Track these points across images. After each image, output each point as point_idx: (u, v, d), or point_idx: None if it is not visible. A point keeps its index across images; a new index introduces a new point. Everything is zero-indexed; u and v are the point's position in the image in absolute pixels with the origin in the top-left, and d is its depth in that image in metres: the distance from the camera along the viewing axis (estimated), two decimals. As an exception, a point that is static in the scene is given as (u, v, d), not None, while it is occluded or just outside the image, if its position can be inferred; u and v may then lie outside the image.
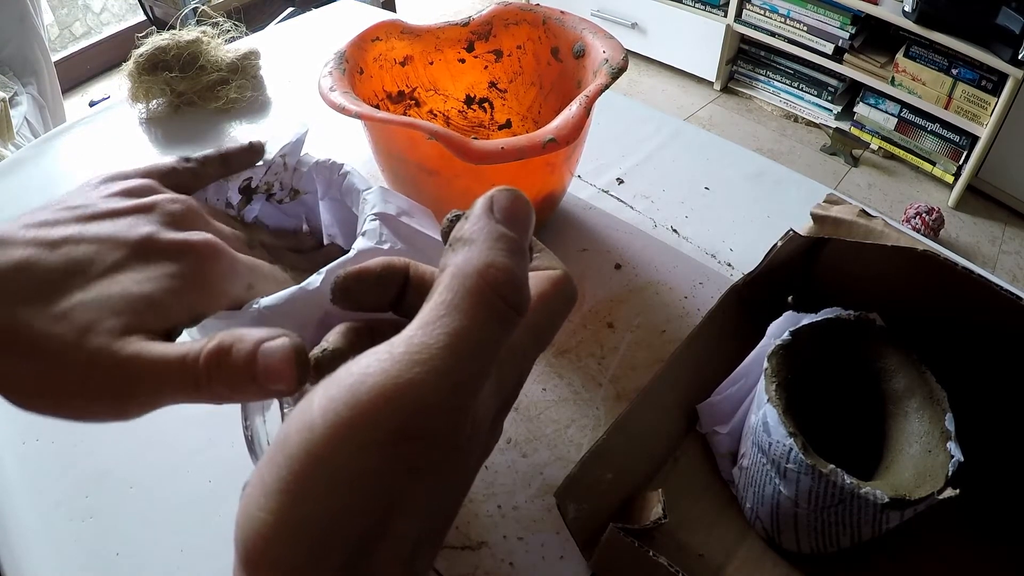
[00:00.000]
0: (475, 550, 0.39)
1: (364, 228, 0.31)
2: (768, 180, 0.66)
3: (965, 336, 0.38)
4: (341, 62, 0.52)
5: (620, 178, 0.66)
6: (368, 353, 0.17)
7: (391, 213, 0.31)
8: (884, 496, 0.32)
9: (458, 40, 0.59)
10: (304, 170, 0.38)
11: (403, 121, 0.43)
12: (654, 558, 0.32)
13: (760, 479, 0.37)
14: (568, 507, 0.36)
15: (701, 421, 0.44)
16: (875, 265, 0.41)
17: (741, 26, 2.12)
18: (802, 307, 0.41)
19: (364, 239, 0.30)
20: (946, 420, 0.35)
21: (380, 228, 0.30)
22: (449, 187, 0.49)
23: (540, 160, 0.48)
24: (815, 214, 0.40)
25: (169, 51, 0.74)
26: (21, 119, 1.26)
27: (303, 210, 0.41)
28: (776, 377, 0.37)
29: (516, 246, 0.19)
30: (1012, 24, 1.59)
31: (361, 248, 0.30)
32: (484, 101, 0.62)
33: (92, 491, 0.42)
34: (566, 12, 0.57)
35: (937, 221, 1.75)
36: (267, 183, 0.39)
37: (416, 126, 0.42)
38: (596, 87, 0.46)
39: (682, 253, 0.58)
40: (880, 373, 0.39)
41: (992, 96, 1.72)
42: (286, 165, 0.38)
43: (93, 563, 0.39)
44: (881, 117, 1.98)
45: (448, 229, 0.23)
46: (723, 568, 0.38)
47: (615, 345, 0.50)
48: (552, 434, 0.45)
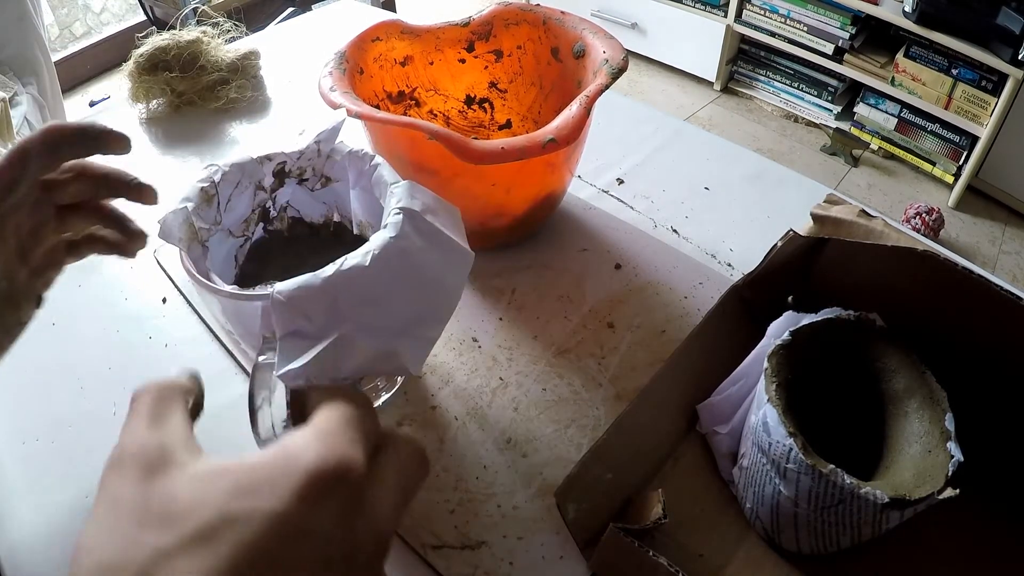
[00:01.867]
0: (475, 550, 0.39)
1: (387, 221, 0.30)
2: (768, 180, 0.66)
3: (965, 336, 0.38)
4: (341, 62, 0.52)
5: (620, 178, 0.66)
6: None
7: (416, 209, 0.31)
8: (884, 496, 0.32)
9: (458, 40, 0.59)
10: (337, 159, 0.38)
11: (403, 121, 0.43)
12: (654, 558, 0.32)
13: (760, 479, 0.37)
14: (568, 507, 0.36)
15: (701, 421, 0.44)
16: (875, 265, 0.41)
17: (741, 26, 2.12)
18: (802, 307, 0.41)
19: (386, 231, 0.30)
20: (946, 420, 0.35)
21: (403, 223, 0.30)
22: (449, 187, 0.49)
23: (540, 160, 0.48)
24: (815, 214, 0.40)
25: (169, 51, 0.74)
26: (21, 119, 1.26)
27: (333, 199, 0.41)
28: (776, 377, 0.37)
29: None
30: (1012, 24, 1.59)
31: (381, 241, 0.29)
32: (484, 101, 0.62)
33: (92, 491, 0.42)
34: (566, 12, 0.57)
35: (937, 221, 1.75)
36: (300, 168, 0.39)
37: (416, 126, 0.42)
38: (596, 87, 0.46)
39: (682, 253, 0.58)
40: (880, 373, 0.39)
41: (992, 96, 1.72)
42: (320, 151, 0.39)
43: (93, 563, 0.39)
44: (881, 117, 1.98)
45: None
46: (723, 568, 0.38)
47: (615, 345, 0.50)
48: (552, 434, 0.45)
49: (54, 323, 0.52)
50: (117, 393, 0.47)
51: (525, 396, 0.47)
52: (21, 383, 0.48)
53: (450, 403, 0.47)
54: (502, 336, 0.51)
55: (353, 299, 0.28)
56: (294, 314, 0.27)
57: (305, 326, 0.27)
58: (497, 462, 0.43)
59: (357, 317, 0.28)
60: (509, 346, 0.50)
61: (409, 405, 0.47)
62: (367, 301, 0.28)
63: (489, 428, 0.45)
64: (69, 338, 0.51)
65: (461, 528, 0.40)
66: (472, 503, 0.41)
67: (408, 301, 0.29)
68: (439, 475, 0.43)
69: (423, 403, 0.47)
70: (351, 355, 0.28)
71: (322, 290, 0.27)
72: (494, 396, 0.47)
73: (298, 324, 0.27)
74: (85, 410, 0.46)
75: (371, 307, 0.28)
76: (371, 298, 0.28)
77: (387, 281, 0.28)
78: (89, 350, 0.50)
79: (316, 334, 0.27)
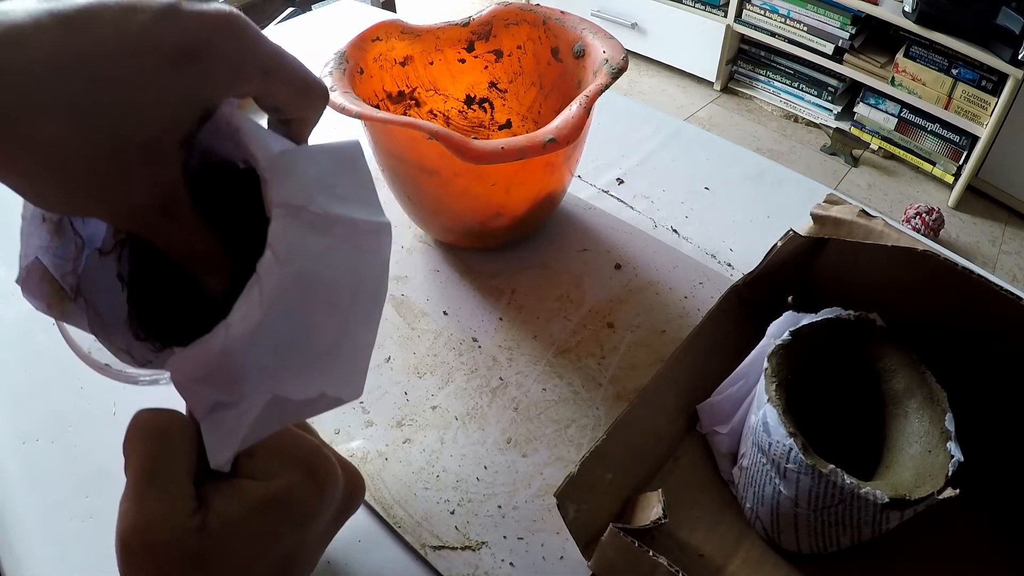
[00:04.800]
0: (475, 550, 0.39)
1: (269, 236, 0.22)
2: (768, 180, 0.66)
3: (965, 336, 0.38)
4: (341, 62, 0.52)
5: (620, 178, 0.66)
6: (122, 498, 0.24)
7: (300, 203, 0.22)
8: (884, 496, 0.32)
9: (458, 40, 0.59)
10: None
11: (403, 121, 0.43)
12: (654, 558, 0.32)
13: (760, 479, 0.37)
14: (568, 507, 0.36)
15: (701, 421, 0.44)
16: (875, 265, 0.41)
17: (741, 26, 2.12)
18: (802, 307, 0.41)
19: (270, 259, 0.22)
20: (946, 420, 0.35)
21: (289, 235, 0.22)
22: (449, 187, 0.49)
23: (540, 160, 0.48)
24: (815, 214, 0.40)
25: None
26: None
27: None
28: (776, 377, 0.37)
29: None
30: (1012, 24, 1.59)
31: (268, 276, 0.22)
32: (484, 101, 0.62)
33: (92, 491, 0.42)
34: (566, 12, 0.57)
35: (937, 221, 1.75)
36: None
37: (416, 126, 0.42)
38: (596, 87, 0.46)
39: (682, 253, 0.58)
40: (880, 373, 0.39)
41: (992, 96, 1.72)
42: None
43: (93, 563, 0.39)
44: (881, 117, 1.98)
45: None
46: (723, 568, 0.38)
47: (615, 345, 0.50)
48: (552, 434, 0.45)
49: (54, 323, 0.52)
50: (117, 393, 0.47)
51: (525, 396, 0.47)
52: (21, 383, 0.48)
53: (450, 403, 0.47)
54: (502, 336, 0.51)
55: (261, 356, 0.22)
56: (203, 390, 0.22)
57: (220, 399, 0.22)
58: (497, 462, 0.43)
59: (275, 372, 0.22)
60: (509, 346, 0.50)
61: (409, 405, 0.47)
62: (279, 350, 0.22)
63: (489, 428, 0.45)
64: (69, 338, 0.51)
65: (461, 528, 0.40)
66: (472, 503, 0.41)
67: (328, 324, 0.24)
68: (439, 475, 0.43)
69: (423, 403, 0.47)
70: (287, 411, 0.23)
71: (221, 360, 0.21)
72: (494, 396, 0.47)
73: (212, 400, 0.22)
74: (85, 410, 0.46)
75: (286, 354, 0.23)
76: (282, 344, 0.22)
77: (295, 320, 0.22)
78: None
79: (236, 401, 0.22)
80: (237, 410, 0.22)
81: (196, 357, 0.22)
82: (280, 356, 0.22)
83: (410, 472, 0.43)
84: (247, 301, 0.21)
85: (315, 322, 0.23)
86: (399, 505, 0.41)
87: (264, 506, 0.24)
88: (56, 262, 0.26)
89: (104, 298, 0.28)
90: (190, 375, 0.22)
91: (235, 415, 0.22)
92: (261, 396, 0.22)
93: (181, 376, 0.22)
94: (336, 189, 0.24)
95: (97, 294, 0.28)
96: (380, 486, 0.42)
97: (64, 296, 0.27)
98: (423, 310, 0.53)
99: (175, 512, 0.23)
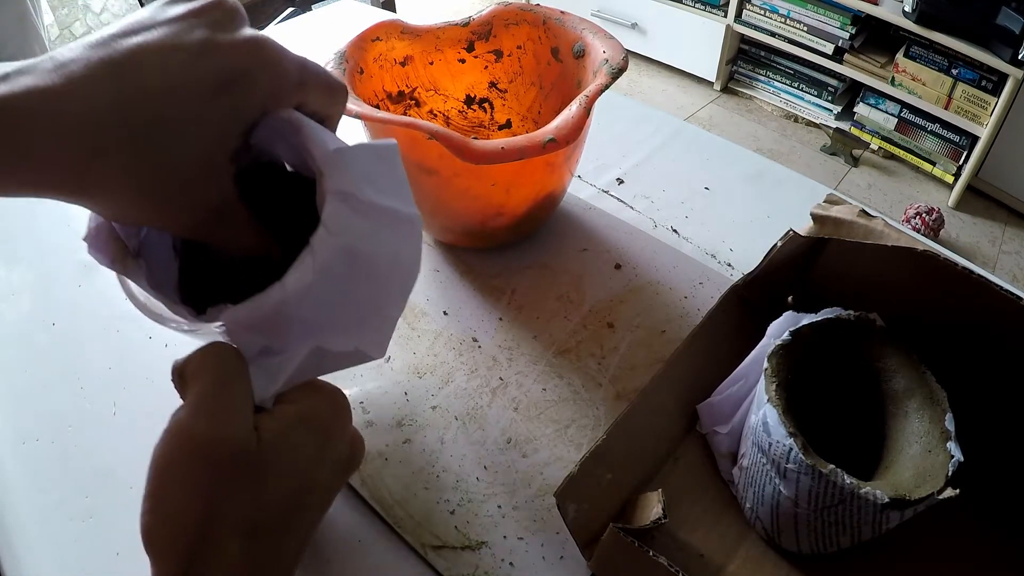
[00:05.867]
0: (475, 550, 0.39)
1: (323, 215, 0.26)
2: (768, 180, 0.66)
3: (965, 336, 0.38)
4: (341, 62, 0.52)
5: (620, 178, 0.66)
6: (180, 406, 0.25)
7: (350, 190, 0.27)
8: (884, 496, 0.32)
9: (458, 40, 0.59)
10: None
11: (403, 121, 0.43)
12: (654, 558, 0.32)
13: (760, 479, 0.37)
14: (568, 507, 0.36)
15: (701, 421, 0.44)
16: (875, 265, 0.41)
17: (741, 26, 2.12)
18: (802, 307, 0.41)
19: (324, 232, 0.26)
20: (946, 420, 0.35)
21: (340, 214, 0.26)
22: (449, 187, 0.49)
23: (540, 160, 0.48)
24: (815, 214, 0.40)
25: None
26: (21, 119, 1.26)
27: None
28: (776, 377, 0.37)
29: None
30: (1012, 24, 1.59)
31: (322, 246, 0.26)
32: (484, 101, 0.62)
33: (92, 491, 0.42)
34: (566, 12, 0.57)
35: (937, 221, 1.75)
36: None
37: (416, 126, 0.42)
38: (596, 87, 0.46)
39: (682, 253, 0.58)
40: (880, 373, 0.39)
41: (992, 96, 1.72)
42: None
43: (93, 563, 0.39)
44: (881, 117, 1.98)
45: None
46: (723, 568, 0.38)
47: (615, 345, 0.50)
48: (552, 434, 0.45)
49: (54, 323, 0.52)
50: (117, 393, 0.47)
51: (525, 396, 0.47)
52: (21, 383, 0.48)
53: (450, 403, 0.47)
54: (502, 336, 0.51)
55: (309, 312, 0.26)
56: (253, 338, 0.26)
57: (269, 346, 0.26)
58: (497, 462, 0.43)
59: (319, 327, 0.27)
60: (509, 346, 0.50)
61: (409, 405, 0.47)
62: (324, 308, 0.26)
63: (489, 428, 0.45)
64: (69, 338, 0.51)
65: (461, 528, 0.40)
66: (472, 503, 0.41)
67: (367, 292, 0.28)
68: (439, 475, 0.43)
69: (423, 403, 0.47)
70: (324, 361, 0.28)
71: (273, 314, 0.26)
72: (494, 396, 0.47)
73: (260, 345, 0.26)
74: (85, 410, 0.46)
75: (330, 312, 0.27)
76: (328, 304, 0.26)
77: (340, 286, 0.27)
78: (89, 350, 0.50)
79: (282, 348, 0.27)
80: (282, 356, 0.27)
81: (252, 309, 0.26)
82: (324, 313, 0.26)
83: (410, 472, 0.43)
84: (301, 266, 0.25)
85: (356, 289, 0.27)
86: (399, 505, 0.41)
87: (296, 422, 0.28)
88: (121, 228, 0.30)
89: (159, 264, 0.32)
90: (244, 324, 0.26)
91: (279, 360, 0.27)
92: (305, 345, 0.26)
93: (234, 325, 0.26)
94: (378, 183, 0.28)
95: (153, 259, 0.32)
96: (380, 486, 0.42)
97: (128, 254, 0.30)
98: (423, 310, 0.53)
99: (245, 424, 0.25)
